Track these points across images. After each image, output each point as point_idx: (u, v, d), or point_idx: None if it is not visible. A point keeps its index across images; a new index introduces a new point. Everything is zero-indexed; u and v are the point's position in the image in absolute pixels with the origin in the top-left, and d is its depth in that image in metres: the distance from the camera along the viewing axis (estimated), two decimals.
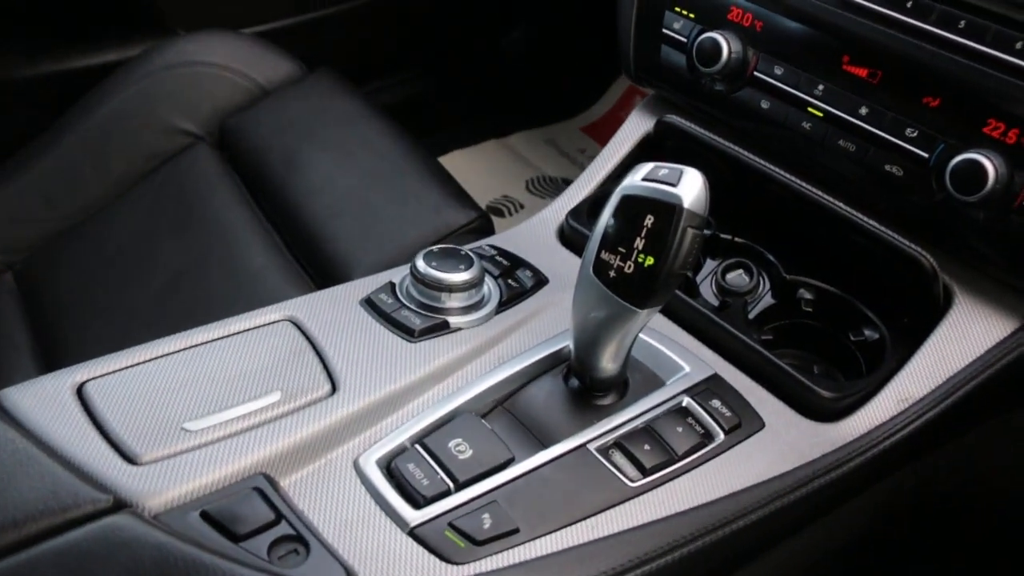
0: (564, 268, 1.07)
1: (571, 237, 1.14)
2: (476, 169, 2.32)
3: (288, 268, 1.42)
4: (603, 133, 2.49)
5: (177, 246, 1.49)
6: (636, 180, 0.81)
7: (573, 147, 2.46)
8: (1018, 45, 0.90)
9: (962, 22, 0.94)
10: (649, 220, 0.79)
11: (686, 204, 0.77)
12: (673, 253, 0.78)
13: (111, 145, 1.66)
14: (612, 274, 0.81)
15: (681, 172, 0.79)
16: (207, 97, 1.70)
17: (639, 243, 0.79)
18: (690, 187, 0.78)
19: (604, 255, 0.82)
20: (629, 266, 0.80)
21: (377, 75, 2.27)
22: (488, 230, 1.42)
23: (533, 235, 1.15)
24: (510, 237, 1.15)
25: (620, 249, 0.80)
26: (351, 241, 1.40)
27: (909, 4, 0.97)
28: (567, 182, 2.37)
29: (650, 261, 0.79)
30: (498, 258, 1.06)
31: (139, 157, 1.65)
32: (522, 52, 2.51)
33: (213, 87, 1.70)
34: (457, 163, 2.32)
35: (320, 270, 1.41)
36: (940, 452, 1.07)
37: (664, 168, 0.80)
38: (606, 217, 0.82)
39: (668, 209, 0.78)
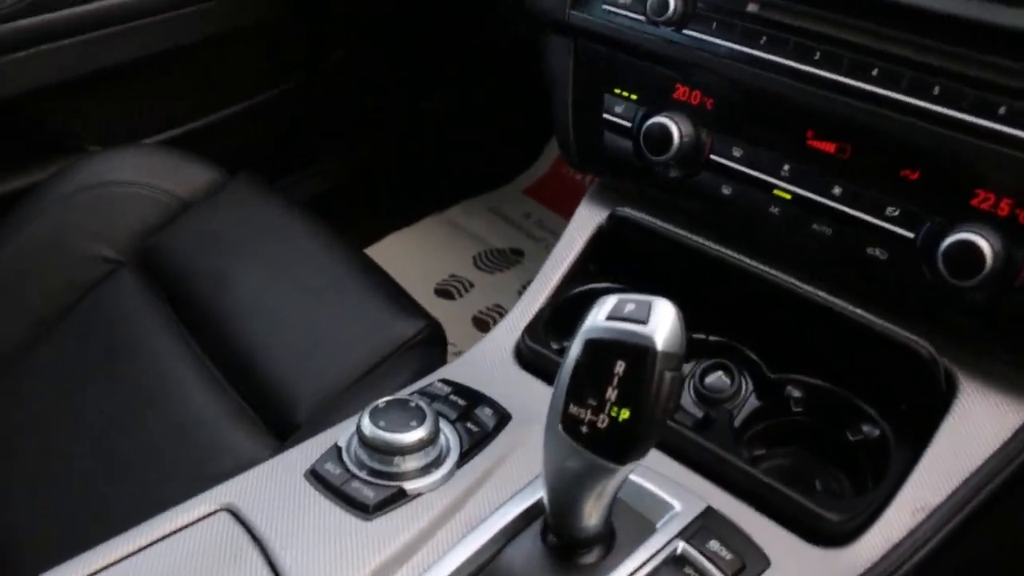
0: (527, 396, 0.96)
1: (530, 358, 1.03)
2: (418, 250, 2.21)
3: (229, 404, 1.30)
4: (547, 194, 2.40)
5: (107, 391, 1.36)
6: (599, 320, 0.69)
7: (518, 213, 2.36)
8: (1001, 110, 0.81)
9: (936, 88, 0.84)
10: (620, 367, 0.68)
11: (660, 346, 0.66)
12: (652, 402, 0.67)
13: (26, 282, 1.53)
14: (584, 429, 0.70)
15: (650, 306, 0.68)
16: (123, 218, 1.57)
17: (611, 394, 0.68)
18: (662, 323, 0.67)
19: (573, 409, 0.70)
20: (602, 420, 0.69)
21: (301, 165, 2.16)
22: (438, 339, 1.31)
23: (488, 359, 1.04)
24: (464, 366, 1.04)
25: (590, 401, 0.69)
26: (292, 368, 1.29)
27: (875, 72, 0.87)
28: (516, 252, 2.30)
29: (626, 413, 0.68)
30: (452, 397, 0.95)
31: (57, 292, 1.52)
32: (451, 120, 2.41)
33: (128, 207, 1.58)
34: (397, 246, 2.21)
35: (262, 403, 1.29)
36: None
37: (630, 302, 0.69)
38: (570, 364, 0.70)
39: (640, 353, 0.67)
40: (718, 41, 0.96)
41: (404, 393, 0.97)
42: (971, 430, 0.90)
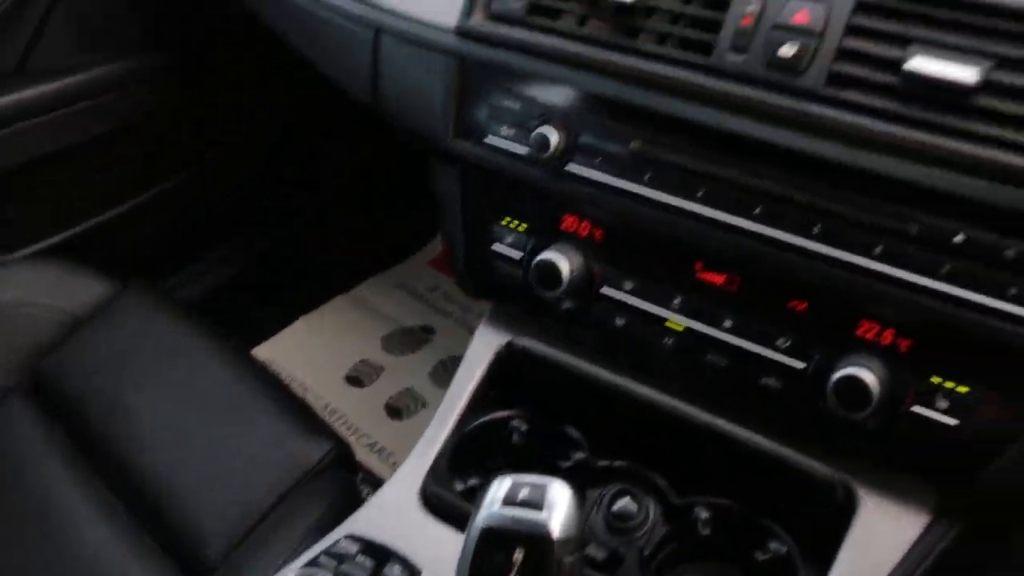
0: (436, 546, 0.96)
1: (436, 504, 1.02)
2: (326, 334, 2.18)
3: (135, 543, 1.24)
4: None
5: None
6: (495, 507, 0.70)
7: (424, 287, 2.34)
8: (878, 250, 0.83)
9: (817, 227, 0.85)
10: (518, 555, 0.68)
11: (556, 534, 0.67)
12: None
13: None
14: None
15: (544, 490, 0.69)
16: (11, 340, 1.52)
17: None
18: (558, 508, 0.69)
19: None
20: None
21: (197, 258, 2.12)
22: (347, 460, 1.28)
23: (394, 507, 1.02)
24: (370, 515, 1.02)
25: None
26: (198, 502, 1.25)
27: (758, 210, 0.88)
28: (426, 330, 2.28)
29: None
30: (360, 557, 0.93)
31: None
32: (346, 198, 2.39)
33: (16, 327, 1.52)
34: (304, 332, 2.19)
35: (170, 540, 1.24)
36: None
37: (525, 486, 0.70)
38: (468, 554, 0.70)
39: (537, 541, 0.68)
40: (601, 177, 0.96)
41: (310, 555, 0.95)
42: (872, 545, 0.92)
